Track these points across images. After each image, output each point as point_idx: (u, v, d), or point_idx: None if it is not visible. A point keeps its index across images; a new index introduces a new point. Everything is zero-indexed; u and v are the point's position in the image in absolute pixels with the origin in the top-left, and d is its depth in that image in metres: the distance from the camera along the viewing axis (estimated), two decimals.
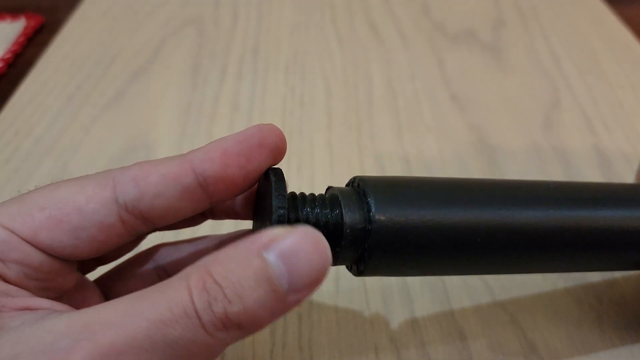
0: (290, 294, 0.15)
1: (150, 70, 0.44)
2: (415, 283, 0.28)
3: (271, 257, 0.15)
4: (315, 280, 0.16)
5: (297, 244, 0.15)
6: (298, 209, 0.19)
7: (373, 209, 0.19)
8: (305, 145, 0.37)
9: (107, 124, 0.39)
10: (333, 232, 0.19)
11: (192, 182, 0.18)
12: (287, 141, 0.20)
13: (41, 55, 0.46)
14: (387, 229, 0.19)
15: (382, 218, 0.19)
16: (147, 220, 0.18)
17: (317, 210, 0.19)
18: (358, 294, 0.28)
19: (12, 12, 0.52)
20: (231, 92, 0.42)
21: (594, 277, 0.29)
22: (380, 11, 0.52)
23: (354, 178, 0.21)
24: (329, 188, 0.21)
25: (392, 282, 0.28)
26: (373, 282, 0.28)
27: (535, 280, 0.29)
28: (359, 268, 0.20)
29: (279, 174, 0.19)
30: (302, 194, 0.20)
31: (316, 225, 0.19)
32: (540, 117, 0.40)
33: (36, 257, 0.17)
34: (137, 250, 0.23)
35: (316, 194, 0.20)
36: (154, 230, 0.20)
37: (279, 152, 0.19)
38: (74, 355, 0.14)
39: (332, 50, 0.46)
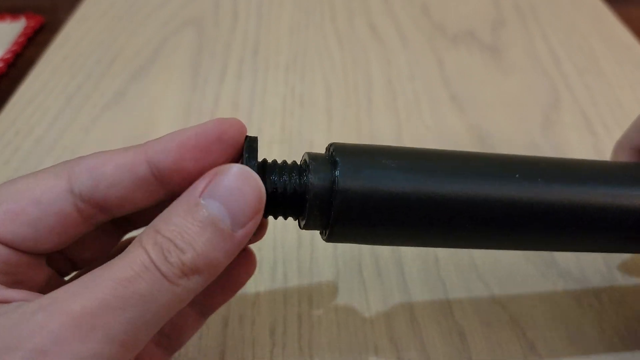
0: (236, 230, 0.17)
1: (150, 70, 0.44)
2: (415, 283, 0.29)
3: (208, 202, 0.17)
4: (254, 212, 0.17)
5: (229, 182, 0.17)
6: (265, 176, 0.19)
7: (339, 175, 0.19)
8: (305, 145, 0.37)
9: (107, 124, 0.39)
10: (300, 198, 0.19)
11: (146, 173, 0.18)
12: (287, 141, 0.20)
13: (41, 55, 0.46)
14: (352, 195, 0.19)
15: (348, 185, 0.19)
16: (104, 210, 0.19)
17: (285, 177, 0.20)
18: (358, 294, 0.28)
19: (12, 12, 0.52)
20: (231, 92, 0.42)
21: (594, 277, 0.29)
22: (380, 11, 0.52)
23: (330, 144, 0.21)
24: (304, 154, 0.21)
25: (392, 282, 0.29)
26: (373, 282, 0.28)
27: (535, 280, 0.29)
28: (326, 233, 0.20)
29: (252, 141, 0.19)
30: (274, 161, 0.20)
31: (283, 192, 0.19)
32: (539, 117, 0.40)
33: (2, 251, 0.18)
34: None
35: (289, 162, 0.20)
36: (113, 218, 0.19)
37: (240, 147, 0.19)
38: (50, 323, 0.15)
39: (332, 50, 0.46)
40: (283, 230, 0.31)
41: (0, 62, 0.45)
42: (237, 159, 0.19)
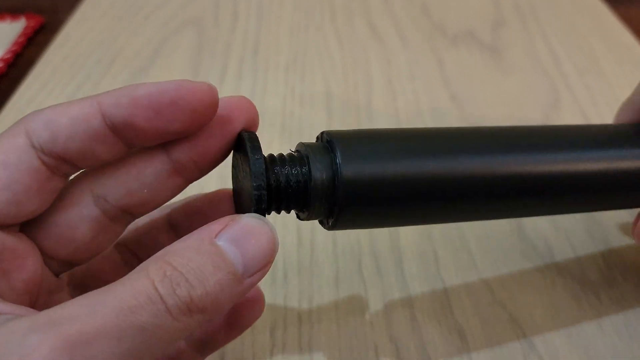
0: (245, 276, 0.17)
1: (150, 70, 0.44)
2: (415, 282, 0.29)
3: (224, 244, 0.17)
4: (267, 262, 0.17)
5: (245, 229, 0.17)
6: (269, 171, 0.19)
7: (339, 164, 0.19)
8: None
9: None
10: (304, 189, 0.19)
11: (102, 125, 0.18)
12: (287, 141, 0.19)
13: (41, 56, 0.46)
14: (354, 182, 0.19)
15: (349, 172, 0.19)
16: (67, 162, 0.18)
17: (287, 169, 0.19)
18: (358, 294, 0.28)
19: (12, 12, 0.52)
20: (231, 92, 0.42)
21: (594, 276, 0.29)
22: (380, 11, 0.52)
23: (322, 133, 0.21)
24: (299, 144, 0.21)
25: (392, 282, 0.29)
26: (373, 282, 0.28)
27: (535, 279, 0.29)
28: (330, 222, 0.21)
29: (253, 138, 0.19)
30: (271, 155, 0.20)
31: (286, 185, 0.19)
32: (539, 117, 0.40)
33: None
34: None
35: (285, 154, 0.20)
36: (80, 169, 0.19)
37: (201, 114, 0.18)
38: (42, 347, 0.14)
39: (332, 50, 0.46)
40: (283, 230, 0.31)
41: (0, 62, 0.45)
42: (198, 124, 0.18)
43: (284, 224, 0.31)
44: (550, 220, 0.32)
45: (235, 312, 0.22)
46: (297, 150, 0.21)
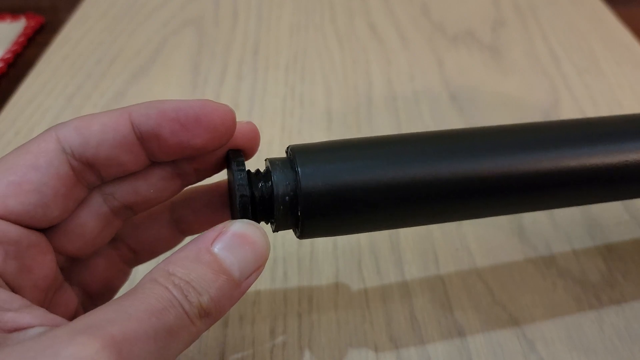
0: (242, 280, 0.18)
1: (150, 70, 0.44)
2: (415, 282, 0.29)
3: (221, 252, 0.18)
4: (260, 264, 0.18)
5: (238, 236, 0.18)
6: (252, 186, 0.20)
7: (300, 177, 0.20)
8: None
9: None
10: (269, 203, 0.20)
11: (130, 133, 0.19)
12: (287, 141, 0.20)
13: (41, 56, 0.46)
14: (315, 194, 0.20)
15: (309, 184, 0.20)
16: (94, 169, 0.19)
17: (260, 183, 0.20)
18: (358, 294, 0.28)
19: (12, 12, 0.52)
20: (231, 92, 0.42)
21: (594, 277, 0.29)
22: (380, 11, 0.52)
23: (288, 147, 0.21)
24: (266, 160, 0.22)
25: (391, 282, 0.29)
26: (373, 282, 0.29)
27: (535, 280, 0.29)
28: (298, 232, 0.21)
29: (237, 155, 0.20)
30: (249, 171, 0.21)
31: (258, 198, 0.20)
32: (539, 117, 0.40)
33: (13, 230, 0.18)
34: None
35: (262, 169, 0.21)
36: (103, 181, 0.20)
37: (222, 133, 0.19)
38: (89, 347, 0.14)
39: (331, 50, 0.46)
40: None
41: (0, 62, 0.45)
42: (218, 143, 0.20)
43: None
44: (550, 220, 0.32)
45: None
46: (265, 165, 0.21)
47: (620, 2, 0.53)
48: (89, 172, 0.19)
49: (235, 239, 0.18)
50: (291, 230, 0.22)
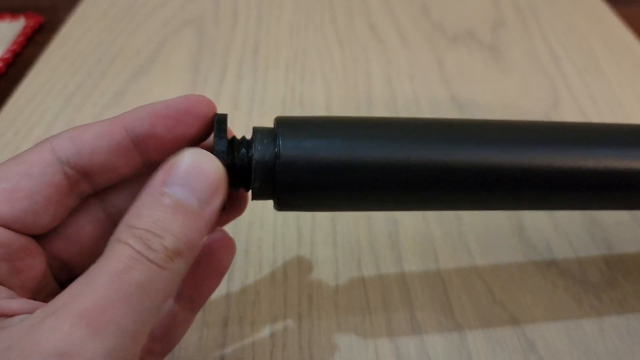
0: (203, 208, 0.18)
1: (150, 70, 0.44)
2: (416, 282, 0.29)
3: (172, 188, 0.18)
4: (216, 187, 0.18)
5: (186, 165, 0.18)
6: (234, 152, 0.20)
7: (280, 146, 0.20)
8: None
9: None
10: (248, 171, 0.20)
11: (125, 138, 0.19)
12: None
13: (40, 55, 0.46)
14: (293, 165, 0.20)
15: (288, 154, 0.20)
16: (89, 177, 0.19)
17: (242, 151, 0.20)
18: (358, 294, 0.28)
19: (12, 11, 0.52)
20: (231, 91, 0.42)
21: (594, 277, 0.29)
22: (380, 11, 0.52)
23: (275, 117, 0.21)
24: (253, 128, 0.22)
25: (392, 282, 0.28)
26: (373, 281, 0.28)
27: (535, 280, 0.29)
28: (275, 203, 0.21)
29: (221, 120, 0.20)
30: (234, 138, 0.21)
31: (234, 165, 0.20)
32: (539, 117, 0.40)
33: (3, 234, 0.18)
34: None
35: (248, 137, 0.21)
36: (96, 189, 0.20)
37: (210, 120, 0.20)
38: (61, 326, 0.15)
39: (332, 50, 0.46)
40: (283, 228, 0.31)
41: None
42: (209, 130, 0.21)
43: (285, 222, 0.31)
44: (551, 220, 0.32)
45: (209, 259, 0.22)
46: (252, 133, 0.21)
47: (621, 2, 0.53)
48: (83, 181, 0.19)
49: (183, 172, 0.18)
50: (291, 231, 0.22)
